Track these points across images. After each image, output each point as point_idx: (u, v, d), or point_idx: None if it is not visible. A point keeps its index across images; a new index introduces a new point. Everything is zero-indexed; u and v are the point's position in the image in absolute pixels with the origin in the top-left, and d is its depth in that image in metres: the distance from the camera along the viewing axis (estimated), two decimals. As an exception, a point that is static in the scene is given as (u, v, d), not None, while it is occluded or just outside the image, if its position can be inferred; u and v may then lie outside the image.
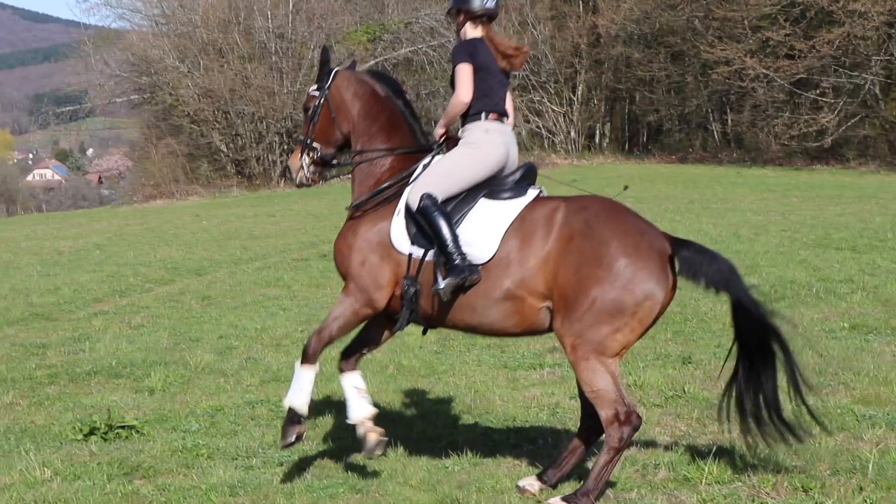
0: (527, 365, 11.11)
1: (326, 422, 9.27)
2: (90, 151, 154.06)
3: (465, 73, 7.58)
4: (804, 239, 20.41)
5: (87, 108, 62.13)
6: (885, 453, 7.61)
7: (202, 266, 21.67)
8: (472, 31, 7.78)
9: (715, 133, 54.37)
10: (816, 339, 11.61)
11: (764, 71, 46.14)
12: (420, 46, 55.80)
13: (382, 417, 9.25)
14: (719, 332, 12.29)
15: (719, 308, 13.72)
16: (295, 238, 25.90)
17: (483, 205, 7.41)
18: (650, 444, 8.23)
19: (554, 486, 7.32)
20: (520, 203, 7.34)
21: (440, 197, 7.36)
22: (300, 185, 8.12)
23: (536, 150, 55.59)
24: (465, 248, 7.21)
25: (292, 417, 7.50)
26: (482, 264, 7.18)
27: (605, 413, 6.87)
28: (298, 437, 7.54)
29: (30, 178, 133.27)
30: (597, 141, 57.93)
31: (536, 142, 56.76)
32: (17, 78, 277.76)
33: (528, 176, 7.58)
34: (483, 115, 7.62)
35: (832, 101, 45.56)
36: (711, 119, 54.60)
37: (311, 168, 8.01)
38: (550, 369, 10.90)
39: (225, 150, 54.77)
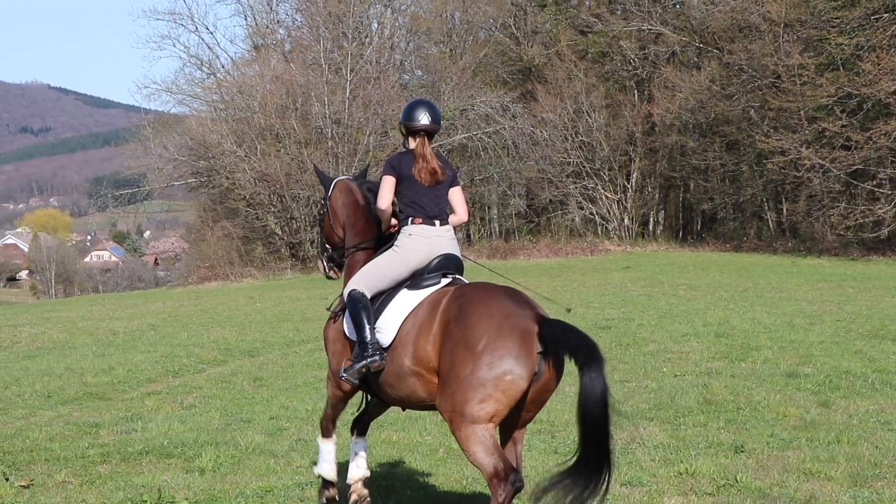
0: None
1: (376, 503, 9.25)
2: (147, 233, 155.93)
3: (385, 184, 8.69)
4: (860, 329, 20.23)
5: (145, 190, 62.85)
6: (941, 547, 7.49)
7: (255, 347, 21.78)
8: (411, 143, 8.76)
9: (770, 222, 54.27)
10: (872, 431, 11.51)
11: (820, 161, 46.13)
12: (475, 133, 56.23)
13: (432, 500, 9.23)
14: (772, 422, 12.20)
15: (773, 397, 13.64)
16: (347, 321, 25.99)
17: (401, 294, 8.33)
18: (702, 533, 8.16)
19: None
20: (426, 291, 8.22)
21: (367, 291, 8.43)
22: (329, 279, 9.57)
23: (590, 236, 55.76)
24: (378, 334, 8.17)
25: (324, 483, 8.97)
26: (387, 348, 8.09)
27: (486, 473, 7.35)
28: (329, 501, 8.85)
29: (87, 259, 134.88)
30: (650, 228, 58.00)
31: (590, 228, 56.90)
32: (79, 162, 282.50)
33: (446, 266, 8.49)
34: (410, 220, 8.60)
35: (889, 192, 45.41)
36: (766, 208, 54.55)
37: (329, 265, 9.45)
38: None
39: (280, 232, 55.21)
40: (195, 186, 61.19)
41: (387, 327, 8.13)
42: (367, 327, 8.16)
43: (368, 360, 8.05)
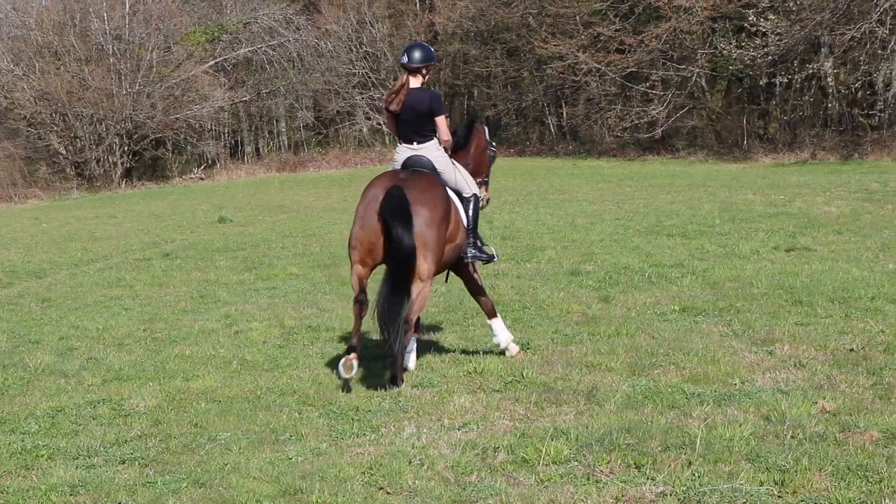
0: (371, 356, 11.24)
1: (169, 417, 9.29)
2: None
3: (388, 120, 11.18)
4: (637, 226, 20.92)
5: (-85, 111, 60.40)
6: (712, 428, 7.88)
7: (42, 269, 21.30)
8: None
9: (551, 126, 55.30)
10: (649, 322, 12.00)
11: (596, 65, 47.10)
12: (259, 46, 55.64)
13: (226, 413, 9.31)
14: (556, 318, 12.62)
15: (556, 295, 14.09)
16: (137, 238, 25.65)
17: None
18: (490, 428, 8.41)
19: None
20: None
21: None
22: None
23: (378, 146, 55.97)
24: None
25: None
26: None
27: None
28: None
29: None
30: (437, 136, 58.37)
31: (378, 138, 57.11)
32: None
33: (410, 165, 10.69)
34: (398, 144, 11.03)
35: (661, 93, 46.76)
36: (547, 113, 55.54)
37: None
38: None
39: (64, 152, 53.83)
40: (-29, 107, 59.06)
41: None
42: None
43: None
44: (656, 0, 45.05)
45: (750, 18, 42.29)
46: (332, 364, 10.65)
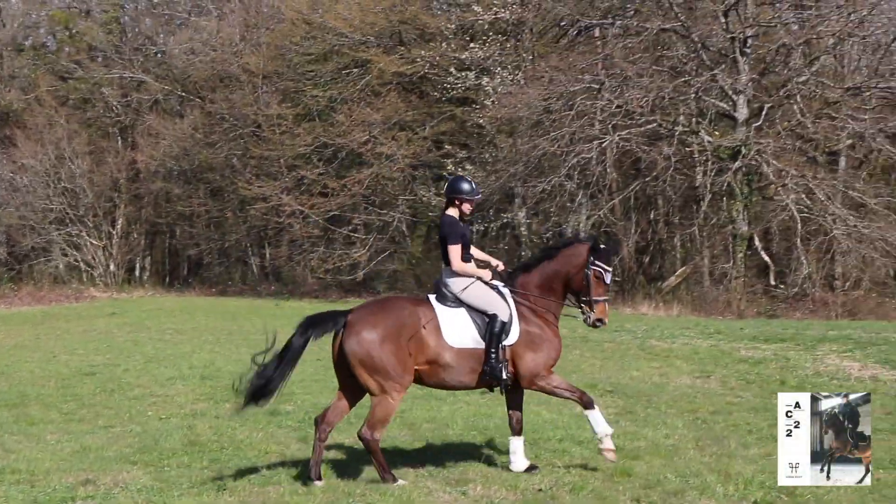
0: (58, 498, 10.91)
1: None
2: None
3: None
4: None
5: None
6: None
7: None
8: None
9: (254, 266, 55.43)
10: (347, 462, 12.18)
11: (299, 208, 47.60)
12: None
13: None
14: (255, 459, 12.60)
15: (255, 436, 14.08)
16: None
17: None
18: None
19: None
20: None
21: None
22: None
23: (75, 283, 54.73)
24: None
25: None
26: None
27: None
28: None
29: None
30: (137, 274, 57.75)
31: (75, 275, 55.85)
32: None
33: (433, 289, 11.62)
34: None
35: (364, 236, 47.66)
36: (251, 253, 55.68)
37: None
38: (83, 502, 10.78)
39: None
40: None
41: None
42: None
43: None
44: (359, 147, 46.11)
45: (448, 167, 43.87)
46: None
